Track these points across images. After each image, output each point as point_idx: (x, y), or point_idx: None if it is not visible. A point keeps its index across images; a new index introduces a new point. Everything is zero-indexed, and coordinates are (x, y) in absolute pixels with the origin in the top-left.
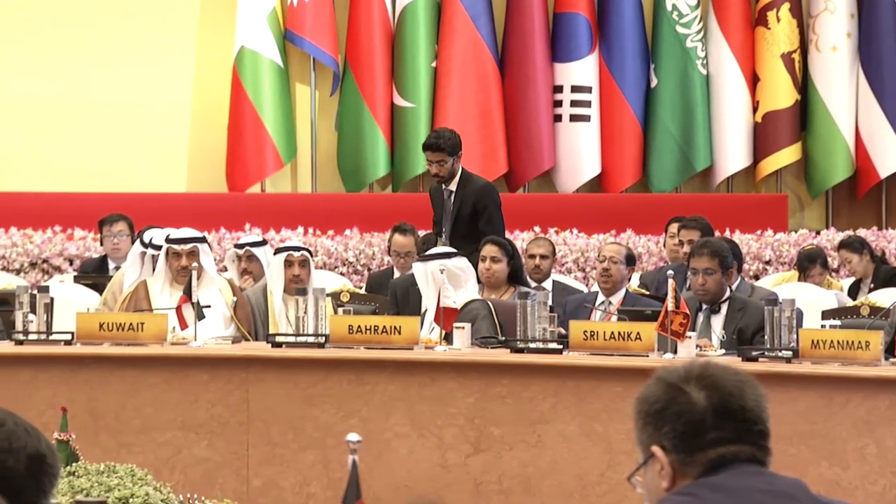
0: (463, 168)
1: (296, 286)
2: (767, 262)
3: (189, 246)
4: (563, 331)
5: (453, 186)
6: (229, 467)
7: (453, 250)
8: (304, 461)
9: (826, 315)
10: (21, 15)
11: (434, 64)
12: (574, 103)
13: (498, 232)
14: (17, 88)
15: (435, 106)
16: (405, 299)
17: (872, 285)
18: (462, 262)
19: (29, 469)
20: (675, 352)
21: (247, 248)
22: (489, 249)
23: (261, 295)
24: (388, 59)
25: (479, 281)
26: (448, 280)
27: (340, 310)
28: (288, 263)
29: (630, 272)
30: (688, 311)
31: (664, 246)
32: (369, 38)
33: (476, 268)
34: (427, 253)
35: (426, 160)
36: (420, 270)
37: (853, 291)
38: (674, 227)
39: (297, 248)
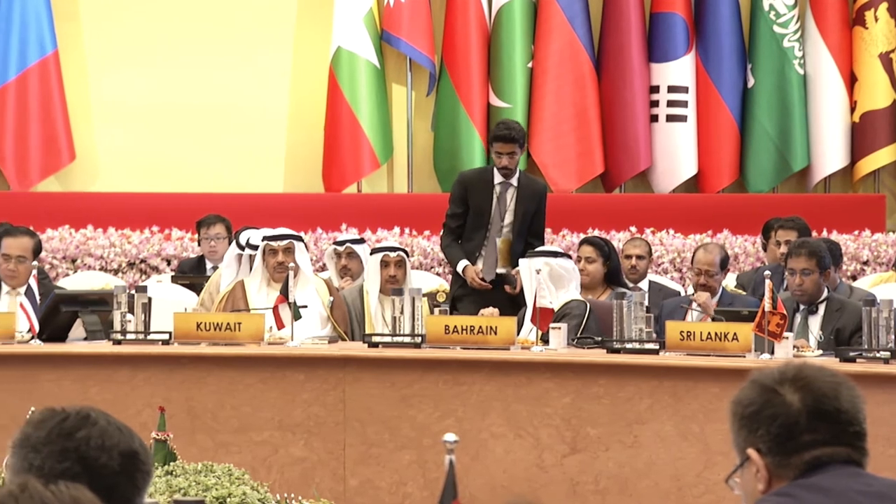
0: None
1: (392, 286)
2: (865, 263)
3: (285, 242)
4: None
5: (514, 181)
6: (326, 467)
7: (559, 249)
8: (401, 461)
9: None
10: (118, 16)
11: (530, 64)
12: (671, 103)
13: (543, 233)
14: (115, 90)
15: (531, 106)
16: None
17: None
18: (568, 263)
19: (122, 466)
20: (772, 352)
21: (347, 244)
22: (584, 250)
23: (357, 295)
24: (484, 59)
25: None
26: (551, 280)
27: (437, 310)
28: (384, 264)
29: (724, 274)
30: (785, 312)
31: (765, 250)
32: (466, 38)
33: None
34: (533, 250)
35: (494, 152)
36: (525, 268)
37: None
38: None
39: (394, 249)
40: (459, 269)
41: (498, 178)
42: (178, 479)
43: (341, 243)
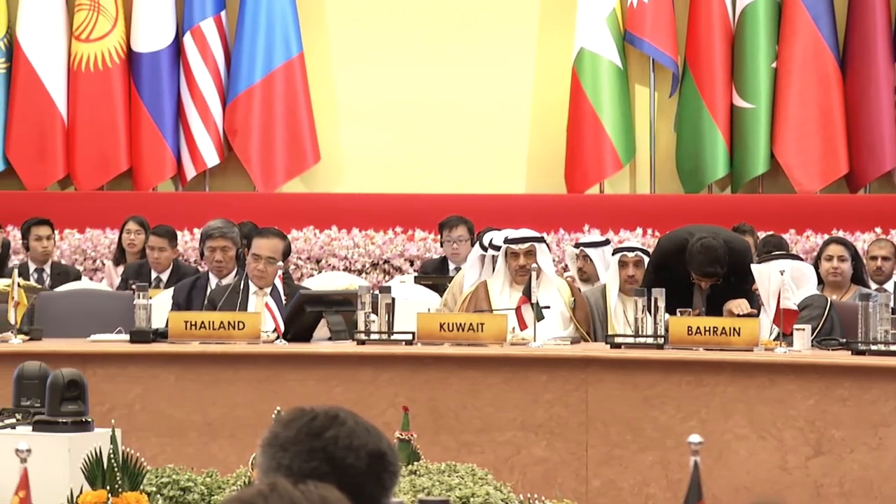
0: None
1: (630, 286)
2: None
3: (526, 245)
4: None
5: None
6: (568, 467)
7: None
8: (643, 462)
9: None
10: (363, 18)
11: (774, 64)
12: None
13: (747, 292)
14: (359, 92)
15: (775, 107)
16: None
17: None
18: (807, 266)
19: (369, 466)
20: None
21: (581, 247)
22: (836, 249)
23: (599, 295)
24: (727, 59)
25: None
26: (793, 279)
27: (679, 311)
28: (622, 264)
29: None
30: None
31: None
32: (709, 38)
33: None
34: (769, 253)
35: (693, 275)
36: (762, 271)
37: None
38: None
39: (632, 249)
40: None
41: None
42: (421, 479)
43: (577, 246)
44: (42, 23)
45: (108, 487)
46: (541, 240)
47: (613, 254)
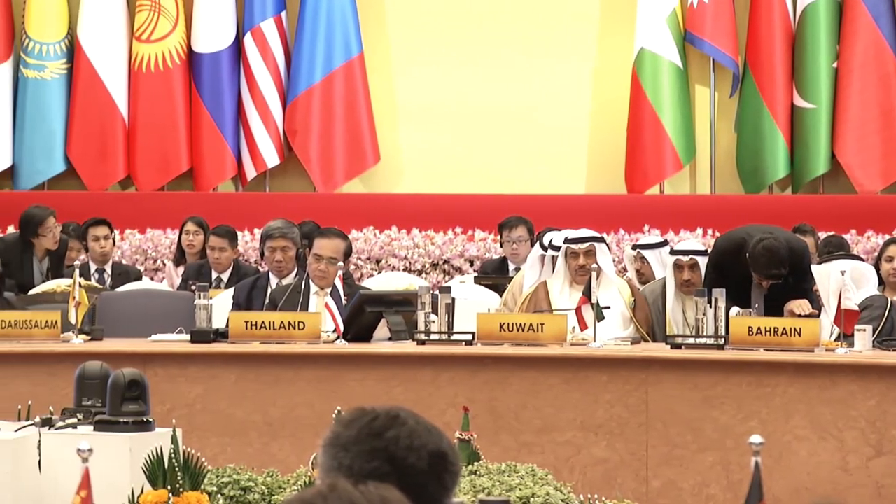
0: None
1: (686, 289)
2: None
3: (586, 245)
4: None
5: None
6: (628, 468)
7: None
8: (704, 462)
9: None
10: (423, 18)
11: (835, 64)
12: None
13: (807, 292)
14: (419, 92)
15: (835, 107)
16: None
17: None
18: (868, 266)
19: (430, 467)
20: None
21: (638, 249)
22: (893, 249)
23: (659, 293)
24: (788, 59)
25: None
26: (853, 280)
27: (739, 310)
28: (678, 267)
29: None
30: None
31: None
32: (769, 38)
33: None
34: (830, 254)
35: (756, 276)
36: (823, 272)
37: None
38: None
39: (686, 252)
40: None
41: None
42: (482, 479)
43: (634, 247)
44: (103, 24)
45: (168, 487)
46: (601, 240)
47: (671, 254)
